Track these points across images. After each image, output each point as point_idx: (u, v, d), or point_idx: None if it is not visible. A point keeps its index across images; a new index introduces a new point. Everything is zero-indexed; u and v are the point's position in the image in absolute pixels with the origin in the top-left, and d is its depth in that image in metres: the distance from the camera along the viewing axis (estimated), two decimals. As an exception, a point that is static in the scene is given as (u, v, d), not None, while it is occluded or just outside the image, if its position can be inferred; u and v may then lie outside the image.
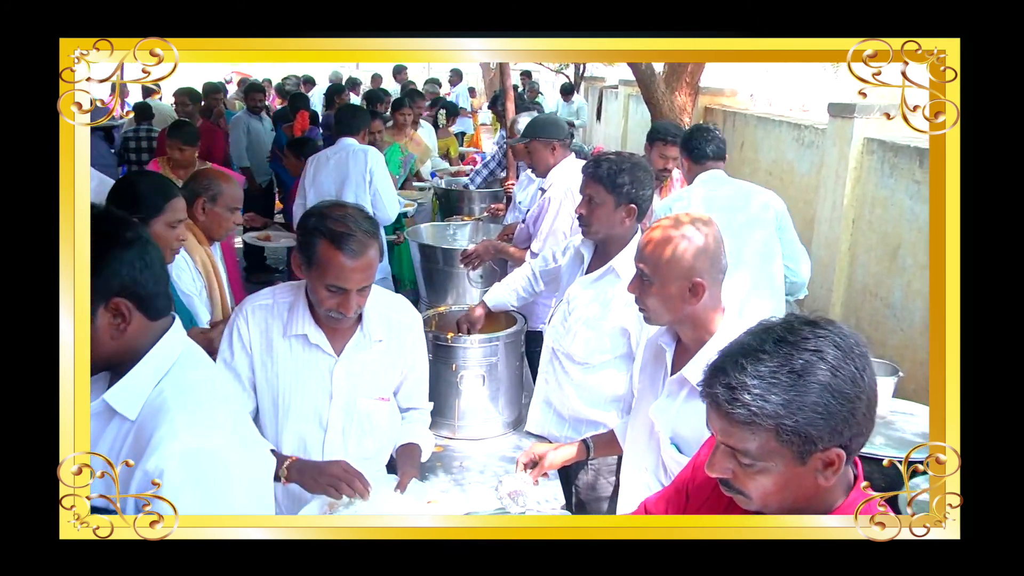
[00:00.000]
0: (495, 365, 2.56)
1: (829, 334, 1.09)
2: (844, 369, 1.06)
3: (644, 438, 1.90)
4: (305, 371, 1.93)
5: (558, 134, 3.48)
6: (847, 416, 1.06)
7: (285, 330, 1.91)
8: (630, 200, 2.32)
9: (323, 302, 1.81)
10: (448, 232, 4.29)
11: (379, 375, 2.01)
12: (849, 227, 4.34)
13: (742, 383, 1.06)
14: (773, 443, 1.07)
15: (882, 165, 4.07)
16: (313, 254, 1.78)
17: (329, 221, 1.77)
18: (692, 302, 1.72)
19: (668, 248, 1.73)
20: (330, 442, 1.96)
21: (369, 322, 1.95)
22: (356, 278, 1.78)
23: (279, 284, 2.01)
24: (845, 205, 4.30)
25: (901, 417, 2.84)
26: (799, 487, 1.11)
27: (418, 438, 2.15)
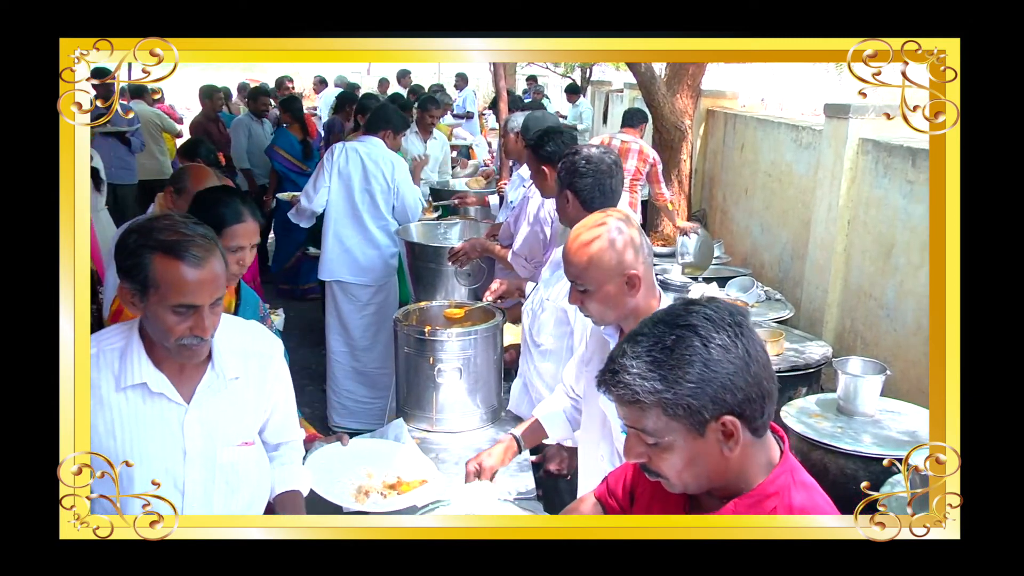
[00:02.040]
0: (472, 359, 2.59)
1: (702, 308, 1.15)
2: (715, 339, 1.11)
3: (597, 428, 1.93)
4: (149, 427, 1.61)
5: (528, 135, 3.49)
6: (725, 383, 1.10)
7: (118, 382, 1.58)
8: (565, 187, 2.36)
9: (172, 330, 1.51)
10: (439, 231, 4.31)
11: (240, 418, 1.71)
12: (844, 228, 4.33)
13: (622, 365, 1.13)
14: (663, 418, 1.12)
15: (876, 165, 4.07)
16: (146, 275, 1.48)
17: (156, 232, 1.50)
18: (632, 295, 1.75)
19: (590, 251, 1.74)
20: (189, 505, 1.64)
21: (220, 357, 1.64)
22: (206, 290, 1.51)
23: (102, 330, 1.68)
24: (840, 206, 4.30)
25: (888, 416, 2.88)
26: (707, 461, 1.15)
27: (297, 483, 1.91)
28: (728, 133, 6.57)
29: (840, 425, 2.80)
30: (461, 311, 2.83)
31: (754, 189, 5.90)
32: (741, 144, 6.22)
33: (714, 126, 6.96)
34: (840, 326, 4.40)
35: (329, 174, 4.20)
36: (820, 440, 2.68)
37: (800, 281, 4.82)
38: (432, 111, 6.02)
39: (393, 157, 4.29)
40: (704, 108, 6.97)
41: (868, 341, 4.08)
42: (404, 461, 2.26)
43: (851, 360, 3.03)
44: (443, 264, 3.64)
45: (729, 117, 6.62)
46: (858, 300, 4.20)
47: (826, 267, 4.46)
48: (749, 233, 5.94)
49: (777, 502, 1.17)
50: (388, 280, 4.35)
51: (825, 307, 4.46)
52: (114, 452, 1.57)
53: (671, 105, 6.13)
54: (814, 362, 3.42)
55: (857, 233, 4.24)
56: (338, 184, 4.19)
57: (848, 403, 2.89)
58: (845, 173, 4.29)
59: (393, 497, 2.09)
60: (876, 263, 4.04)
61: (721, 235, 6.33)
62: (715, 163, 6.89)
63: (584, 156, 2.34)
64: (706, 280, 4.34)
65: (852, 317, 4.28)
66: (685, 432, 1.12)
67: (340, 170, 4.19)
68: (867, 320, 4.12)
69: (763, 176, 5.73)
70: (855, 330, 4.24)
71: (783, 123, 5.53)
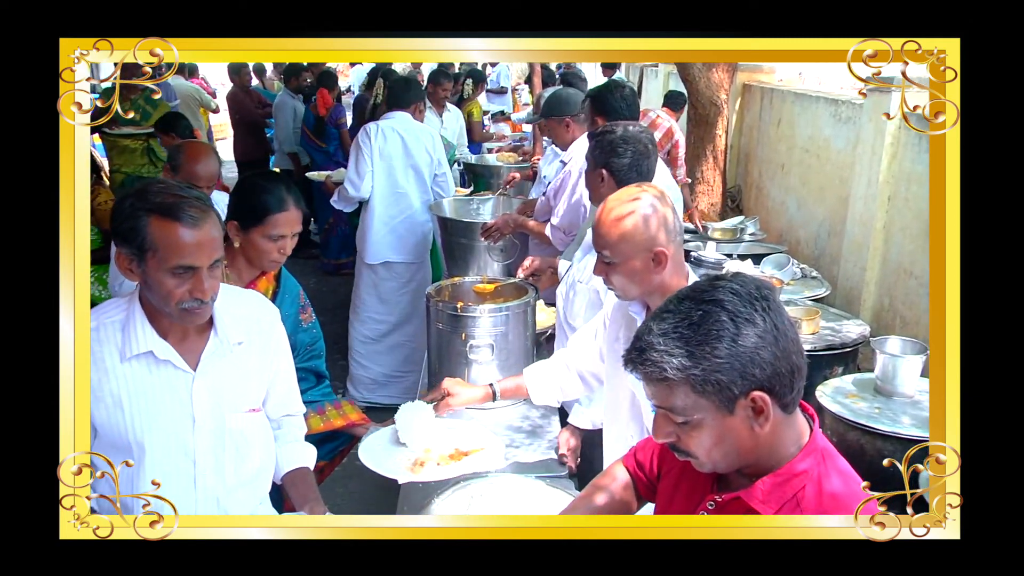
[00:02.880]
0: (504, 335, 2.58)
1: (728, 283, 1.13)
2: (742, 313, 1.09)
3: (626, 408, 1.91)
4: (157, 396, 1.60)
5: (569, 110, 3.51)
6: (754, 358, 1.08)
7: (123, 354, 1.57)
8: (599, 164, 2.34)
9: (171, 294, 1.50)
10: (472, 206, 4.29)
11: (245, 383, 1.71)
12: (884, 204, 4.20)
13: (649, 343, 1.12)
14: (692, 395, 1.11)
15: (920, 140, 3.92)
16: (144, 237, 1.47)
17: (151, 195, 1.49)
18: (658, 271, 1.75)
19: (622, 225, 1.74)
20: (201, 474, 1.66)
21: (223, 324, 1.64)
22: (204, 251, 1.49)
23: (100, 304, 1.66)
24: (880, 182, 4.17)
25: (928, 397, 2.81)
26: (737, 438, 1.14)
27: (305, 459, 1.91)
28: (764, 108, 6.43)
29: (878, 406, 2.73)
30: (492, 286, 2.83)
31: (791, 165, 5.79)
32: (778, 119, 6.09)
33: (750, 101, 6.83)
34: (878, 304, 4.30)
35: (370, 158, 4.12)
36: (857, 420, 2.62)
37: (837, 258, 4.72)
38: (444, 84, 5.85)
39: (430, 129, 4.27)
40: (740, 82, 6.82)
41: (908, 320, 3.99)
42: (463, 433, 2.22)
43: (890, 339, 2.95)
44: (476, 240, 3.63)
45: (766, 91, 6.46)
46: (897, 278, 4.11)
47: (864, 244, 4.35)
48: (785, 210, 5.84)
49: (808, 483, 1.16)
50: (427, 255, 4.37)
51: (863, 285, 4.34)
52: (123, 425, 1.59)
53: (707, 80, 5.99)
54: (851, 341, 3.32)
55: (897, 209, 4.13)
56: (380, 166, 4.13)
57: (886, 383, 2.81)
58: (886, 148, 4.15)
59: (449, 465, 2.05)
60: (916, 240, 3.94)
61: (756, 211, 6.24)
62: (751, 138, 6.78)
63: (621, 135, 2.31)
64: (740, 257, 4.21)
65: (891, 295, 4.18)
66: (714, 409, 1.11)
67: (381, 151, 4.13)
68: (906, 299, 4.02)
69: (800, 151, 5.62)
70: (894, 308, 4.14)
71: (821, 97, 5.37)
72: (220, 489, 1.68)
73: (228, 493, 1.70)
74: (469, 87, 7.29)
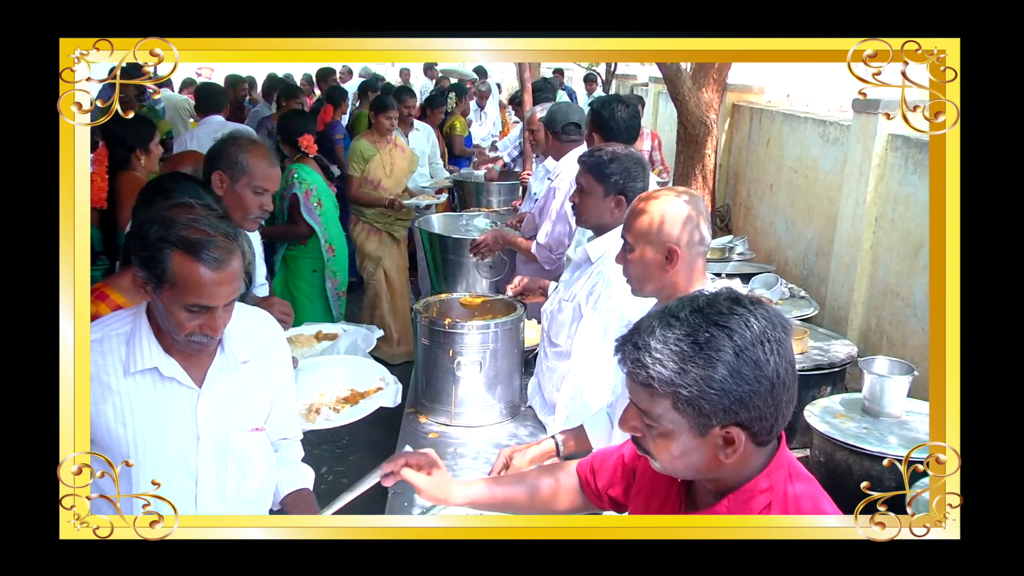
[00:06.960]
0: (493, 352, 2.56)
1: (746, 313, 1.08)
2: (749, 351, 1.05)
3: None
4: (161, 413, 1.58)
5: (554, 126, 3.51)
6: (743, 397, 1.06)
7: (126, 368, 1.55)
8: (619, 191, 2.35)
9: (181, 326, 1.48)
10: (461, 223, 4.29)
11: (249, 402, 1.70)
12: (871, 225, 4.25)
13: (646, 345, 1.08)
14: (670, 409, 1.08)
15: (906, 162, 3.98)
16: (164, 270, 1.44)
17: (179, 228, 1.45)
18: (668, 269, 1.76)
19: (646, 214, 1.78)
20: (203, 492, 1.64)
21: (231, 341, 1.63)
22: (223, 292, 1.47)
23: (106, 315, 1.66)
24: (868, 203, 4.23)
25: (915, 417, 2.82)
26: (701, 458, 1.12)
27: (305, 480, 1.89)
28: (754, 128, 6.50)
29: (865, 426, 2.76)
30: (478, 299, 2.80)
31: (779, 185, 5.85)
32: (767, 139, 6.15)
33: (739, 121, 6.90)
34: (866, 325, 4.35)
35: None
36: (844, 441, 2.63)
37: (825, 279, 4.77)
38: (407, 101, 5.80)
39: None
40: (730, 103, 6.88)
41: (894, 341, 4.03)
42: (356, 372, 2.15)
43: (877, 360, 2.98)
44: (465, 256, 3.62)
45: (755, 112, 6.53)
46: (884, 299, 4.15)
47: (852, 265, 4.40)
48: (774, 229, 5.90)
49: (771, 497, 1.15)
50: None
51: (850, 305, 4.39)
52: (123, 439, 1.56)
53: (696, 99, 5.99)
54: (839, 361, 3.36)
55: (884, 231, 4.18)
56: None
57: (874, 403, 2.84)
58: (873, 169, 4.20)
59: (346, 410, 1.99)
60: (903, 261, 3.98)
61: (745, 231, 6.28)
62: (740, 158, 6.84)
63: (635, 159, 2.37)
64: (729, 276, 4.24)
65: (878, 316, 4.22)
66: (687, 426, 1.09)
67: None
68: (894, 319, 4.06)
69: (788, 172, 5.67)
70: (881, 329, 4.19)
71: (810, 118, 5.44)
72: (220, 507, 1.67)
73: (228, 512, 1.68)
74: (452, 101, 7.28)
